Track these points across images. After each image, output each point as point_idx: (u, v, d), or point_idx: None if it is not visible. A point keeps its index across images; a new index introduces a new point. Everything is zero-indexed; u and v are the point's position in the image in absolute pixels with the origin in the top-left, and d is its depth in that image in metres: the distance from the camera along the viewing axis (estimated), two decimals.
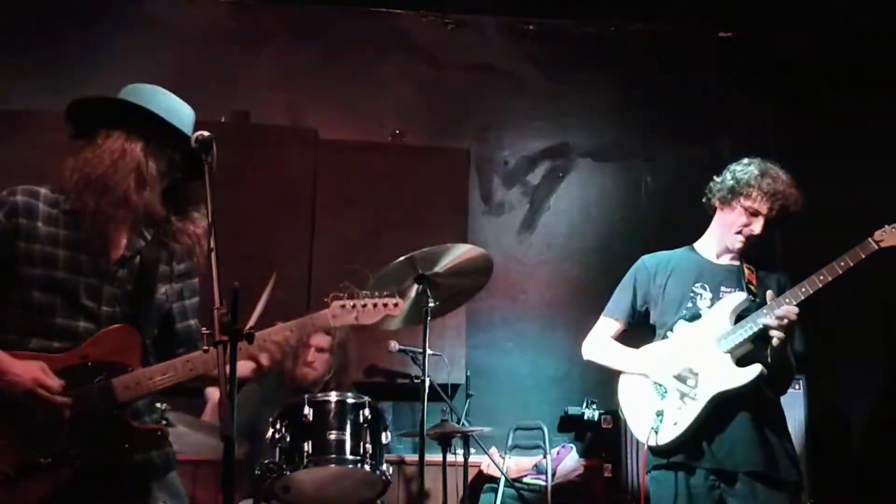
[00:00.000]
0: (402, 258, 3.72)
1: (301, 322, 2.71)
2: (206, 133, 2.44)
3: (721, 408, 3.29)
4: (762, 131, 6.04)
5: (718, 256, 3.56)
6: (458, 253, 3.80)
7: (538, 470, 5.14)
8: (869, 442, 5.15)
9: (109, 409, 2.49)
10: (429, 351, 3.86)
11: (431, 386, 4.08)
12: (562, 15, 6.15)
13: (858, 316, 5.22)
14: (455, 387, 5.45)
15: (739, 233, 3.43)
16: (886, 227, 3.25)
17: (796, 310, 3.22)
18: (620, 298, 3.67)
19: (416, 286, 3.84)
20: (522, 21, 6.18)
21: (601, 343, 3.66)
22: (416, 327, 3.95)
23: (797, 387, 4.98)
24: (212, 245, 2.26)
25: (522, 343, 5.79)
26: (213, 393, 4.30)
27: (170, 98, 2.72)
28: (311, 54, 5.96)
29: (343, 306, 2.76)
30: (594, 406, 5.34)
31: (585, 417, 5.35)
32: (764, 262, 3.58)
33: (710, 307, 3.44)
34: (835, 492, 4.95)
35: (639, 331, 3.71)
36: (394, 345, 4.96)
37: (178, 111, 2.69)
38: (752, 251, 3.52)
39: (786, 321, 3.21)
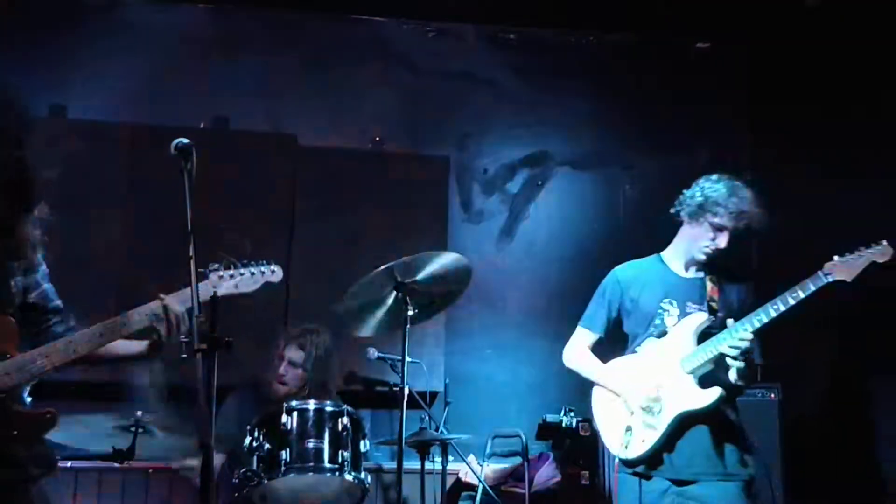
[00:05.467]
0: (381, 268, 3.70)
1: (183, 293, 2.70)
2: (185, 140, 2.44)
3: (683, 424, 3.49)
4: (739, 141, 6.09)
5: (686, 269, 3.71)
6: (438, 261, 3.79)
7: (516, 478, 5.15)
8: (843, 450, 5.18)
9: None
10: (407, 358, 3.85)
11: (410, 394, 4.07)
12: (542, 24, 6.18)
13: (833, 323, 5.26)
14: (433, 394, 5.45)
15: (706, 246, 3.58)
16: (836, 258, 3.29)
17: (751, 337, 3.36)
18: (595, 312, 3.83)
19: (393, 294, 3.82)
20: (503, 30, 6.21)
21: (578, 354, 3.85)
22: (394, 334, 3.94)
23: (772, 395, 5.02)
24: (191, 253, 2.27)
25: (501, 351, 5.80)
26: None
27: None
28: (292, 61, 5.95)
29: (221, 276, 2.84)
30: (572, 414, 5.34)
31: (563, 425, 5.35)
32: (729, 272, 3.69)
33: (675, 324, 3.60)
34: (809, 499, 4.97)
35: (617, 336, 3.82)
36: (372, 352, 4.95)
37: None
38: (724, 263, 3.66)
39: (742, 348, 3.37)
